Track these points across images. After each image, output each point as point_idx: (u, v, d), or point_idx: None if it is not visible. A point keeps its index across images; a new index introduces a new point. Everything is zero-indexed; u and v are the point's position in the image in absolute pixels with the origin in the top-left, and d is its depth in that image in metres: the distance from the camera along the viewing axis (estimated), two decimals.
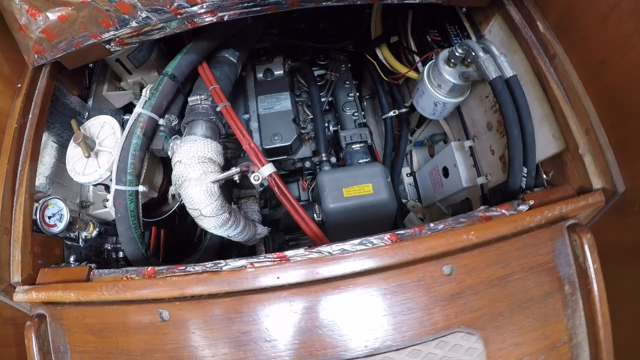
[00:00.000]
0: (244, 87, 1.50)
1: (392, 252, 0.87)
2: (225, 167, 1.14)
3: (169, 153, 1.12)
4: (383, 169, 1.34)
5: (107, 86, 1.42)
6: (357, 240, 0.93)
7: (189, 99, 1.17)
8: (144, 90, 1.16)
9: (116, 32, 1.07)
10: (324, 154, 1.37)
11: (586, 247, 0.91)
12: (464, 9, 1.36)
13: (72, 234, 1.24)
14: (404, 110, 1.52)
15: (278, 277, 0.90)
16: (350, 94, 1.51)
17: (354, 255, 0.90)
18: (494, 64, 1.15)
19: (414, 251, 0.87)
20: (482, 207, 1.01)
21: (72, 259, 1.14)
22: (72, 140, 1.22)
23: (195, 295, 0.87)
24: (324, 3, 1.11)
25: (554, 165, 1.16)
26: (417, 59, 1.44)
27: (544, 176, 1.17)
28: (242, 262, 0.92)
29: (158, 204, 1.38)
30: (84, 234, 1.25)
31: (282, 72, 1.51)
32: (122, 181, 1.10)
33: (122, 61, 1.33)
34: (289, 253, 0.93)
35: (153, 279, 0.91)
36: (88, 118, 1.35)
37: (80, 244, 1.24)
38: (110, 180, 1.17)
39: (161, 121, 1.15)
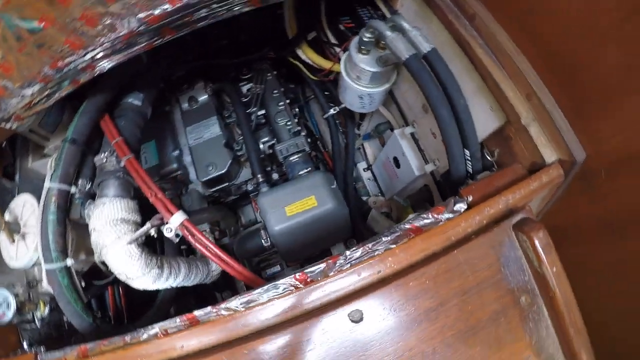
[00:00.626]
0: (170, 122, 1.27)
1: (293, 301, 0.65)
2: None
3: (87, 219, 0.93)
4: (323, 176, 1.10)
5: (32, 157, 1.23)
6: (265, 287, 0.71)
7: (95, 159, 0.97)
8: (48, 163, 0.96)
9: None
10: (259, 176, 1.14)
11: (539, 249, 0.65)
12: None
13: (27, 316, 1.07)
14: (343, 105, 1.25)
15: (182, 346, 0.69)
16: (280, 104, 1.25)
17: (262, 309, 0.68)
18: (404, 41, 0.87)
19: (313, 299, 0.64)
20: (410, 216, 0.76)
21: (25, 344, 0.97)
22: None
23: None
24: (199, 24, 0.85)
25: (498, 142, 0.89)
26: (337, 50, 1.16)
27: (488, 157, 0.89)
28: (155, 330, 0.72)
29: None
30: (38, 314, 1.08)
31: (206, 96, 1.27)
32: (49, 259, 0.94)
33: (35, 130, 1.13)
34: (198, 313, 0.72)
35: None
36: (18, 193, 1.16)
37: (37, 324, 1.07)
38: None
39: (73, 189, 0.96)
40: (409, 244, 0.66)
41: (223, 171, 1.18)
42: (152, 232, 0.91)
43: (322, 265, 0.71)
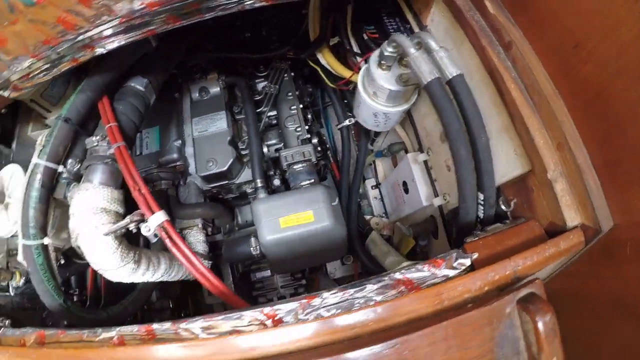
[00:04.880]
0: (177, 110, 1.20)
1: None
2: None
3: (69, 201, 0.87)
4: (326, 192, 1.02)
5: (32, 126, 1.18)
6: (229, 314, 0.64)
7: (85, 141, 0.90)
8: (39, 138, 0.91)
9: None
10: (258, 180, 1.06)
11: (542, 336, 0.55)
12: None
13: (1, 284, 1.04)
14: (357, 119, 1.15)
15: None
16: (292, 107, 1.16)
17: (220, 342, 0.60)
18: (429, 62, 0.76)
19: (276, 343, 0.56)
20: (404, 264, 0.66)
21: None
22: None
23: None
24: (207, 15, 0.77)
25: (517, 192, 0.78)
26: (358, 60, 1.06)
27: (503, 206, 0.78)
28: (112, 333, 0.65)
29: None
30: (13, 283, 1.05)
31: (218, 89, 1.19)
32: (27, 235, 0.88)
33: (37, 101, 1.08)
34: (156, 327, 0.66)
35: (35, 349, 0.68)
36: (12, 162, 1.12)
37: (11, 292, 1.04)
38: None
39: (61, 168, 0.90)
40: (395, 304, 0.57)
41: (223, 169, 1.10)
42: (131, 227, 0.84)
43: (295, 305, 0.62)
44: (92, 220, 0.83)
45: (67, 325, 1.03)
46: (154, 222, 0.81)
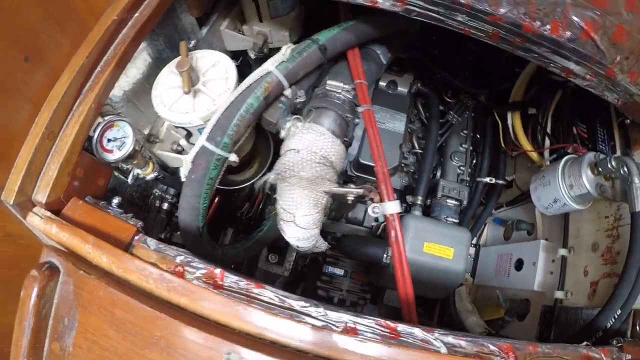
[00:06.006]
0: None
1: None
2: None
3: (282, 132, 0.82)
4: (470, 238, 1.11)
5: (228, 22, 1.09)
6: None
7: (328, 82, 0.87)
8: (283, 48, 0.85)
9: None
10: (420, 197, 1.08)
11: None
12: (627, 120, 1.07)
13: (124, 167, 0.91)
14: (501, 182, 1.24)
15: None
16: (463, 145, 1.21)
17: None
18: None
19: None
20: (584, 343, 0.75)
21: (115, 201, 0.82)
22: (172, 65, 0.89)
23: (277, 343, 0.56)
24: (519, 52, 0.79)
25: None
26: (547, 142, 1.15)
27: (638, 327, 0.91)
28: (345, 316, 0.61)
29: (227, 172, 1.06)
30: (136, 172, 0.93)
31: (406, 90, 1.20)
32: (216, 141, 0.82)
33: (259, 3, 0.99)
34: (400, 328, 0.64)
35: (226, 299, 0.60)
36: (195, 47, 1.01)
37: (129, 180, 0.92)
38: (199, 130, 0.85)
39: (287, 91, 0.84)
40: None
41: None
42: (350, 197, 0.82)
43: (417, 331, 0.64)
44: (316, 168, 0.79)
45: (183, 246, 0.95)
46: (389, 209, 0.80)
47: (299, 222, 0.80)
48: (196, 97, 0.90)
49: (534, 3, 0.70)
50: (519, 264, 1.22)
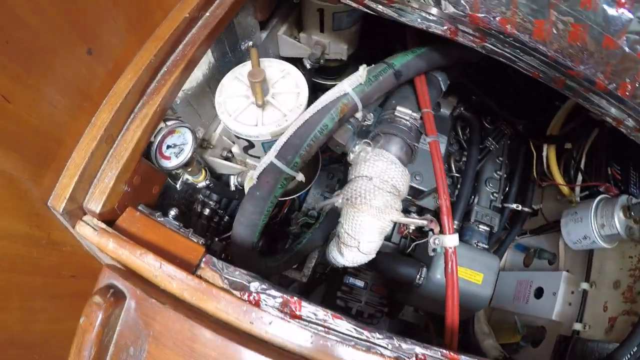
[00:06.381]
0: None
1: None
2: None
3: (350, 156, 0.82)
4: (499, 265, 1.12)
5: (286, 28, 1.07)
6: None
7: (397, 108, 0.86)
8: (361, 69, 0.84)
9: None
10: (456, 222, 1.10)
11: None
12: None
13: (175, 172, 0.90)
14: (527, 210, 1.27)
15: None
16: (498, 172, 1.24)
17: None
18: None
19: None
20: None
21: (172, 213, 0.79)
22: (237, 71, 0.88)
23: None
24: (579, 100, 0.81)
25: None
26: (579, 177, 1.19)
27: None
28: (417, 349, 0.63)
29: None
30: (186, 177, 0.91)
31: (448, 112, 1.21)
32: (286, 159, 0.80)
33: (324, 14, 0.98)
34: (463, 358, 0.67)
35: (315, 336, 0.59)
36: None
37: (178, 186, 0.90)
38: (262, 145, 0.84)
39: (358, 114, 0.83)
40: None
41: (425, 189, 1.13)
42: (412, 227, 0.83)
43: None
44: (386, 197, 0.80)
45: (224, 258, 0.94)
46: (448, 242, 0.81)
47: (363, 248, 0.81)
48: (265, 110, 0.88)
49: (611, 64, 0.72)
50: (539, 292, 1.26)
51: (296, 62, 1.11)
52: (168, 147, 0.83)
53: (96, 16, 0.74)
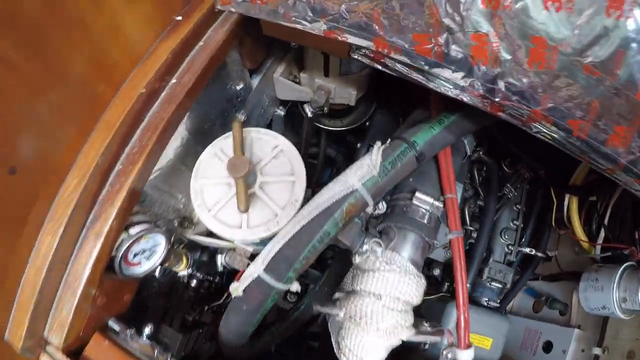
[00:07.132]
0: None
1: None
2: None
3: (357, 258, 0.70)
4: (509, 326, 1.07)
5: (283, 69, 0.92)
6: None
7: (417, 195, 0.74)
8: (374, 153, 0.69)
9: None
10: (468, 285, 1.01)
11: None
12: None
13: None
14: (540, 255, 1.19)
15: None
16: (515, 221, 1.13)
17: None
18: None
19: None
20: None
21: (146, 331, 0.69)
22: (217, 145, 0.74)
23: None
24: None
25: None
26: (602, 233, 1.09)
27: None
28: None
29: None
30: (167, 266, 0.82)
31: (466, 157, 1.08)
32: (278, 276, 0.67)
33: (330, 58, 0.84)
34: None
35: None
36: (244, 102, 0.85)
37: (157, 275, 0.80)
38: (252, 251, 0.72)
39: (369, 208, 0.70)
40: None
41: (439, 260, 1.07)
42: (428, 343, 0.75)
43: None
44: (396, 317, 0.69)
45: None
46: (462, 357, 0.72)
47: None
48: (251, 206, 0.73)
49: None
50: (548, 346, 1.21)
51: (296, 105, 0.96)
52: (135, 255, 0.71)
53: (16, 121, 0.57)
